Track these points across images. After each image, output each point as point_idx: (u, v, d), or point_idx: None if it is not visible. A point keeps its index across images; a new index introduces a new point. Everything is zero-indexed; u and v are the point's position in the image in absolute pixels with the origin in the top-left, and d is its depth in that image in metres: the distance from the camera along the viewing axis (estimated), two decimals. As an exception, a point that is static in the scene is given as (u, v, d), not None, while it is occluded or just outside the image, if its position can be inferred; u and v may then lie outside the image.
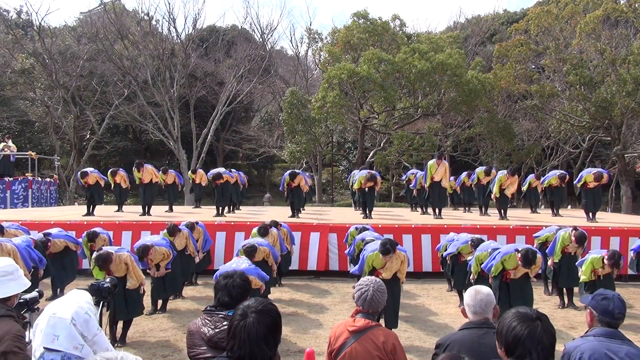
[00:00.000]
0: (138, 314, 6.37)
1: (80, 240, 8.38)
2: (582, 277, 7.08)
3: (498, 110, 24.12)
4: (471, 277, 7.13)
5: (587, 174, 11.15)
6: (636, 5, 20.41)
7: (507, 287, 6.37)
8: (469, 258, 7.45)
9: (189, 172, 14.80)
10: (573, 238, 7.78)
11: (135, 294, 6.14)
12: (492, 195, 11.95)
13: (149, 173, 12.14)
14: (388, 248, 5.80)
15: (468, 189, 13.61)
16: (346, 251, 9.21)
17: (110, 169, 12.89)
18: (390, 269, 6.02)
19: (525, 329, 2.18)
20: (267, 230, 8.07)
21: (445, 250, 8.33)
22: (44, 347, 2.13)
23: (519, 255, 6.15)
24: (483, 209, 12.86)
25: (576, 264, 7.55)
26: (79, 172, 12.27)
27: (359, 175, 11.89)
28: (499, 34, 30.74)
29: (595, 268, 7.00)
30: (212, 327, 2.77)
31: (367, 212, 11.63)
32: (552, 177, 12.30)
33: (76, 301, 2.24)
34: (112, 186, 12.53)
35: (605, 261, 6.84)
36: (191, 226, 8.64)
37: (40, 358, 2.17)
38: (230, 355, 2.11)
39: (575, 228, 8.02)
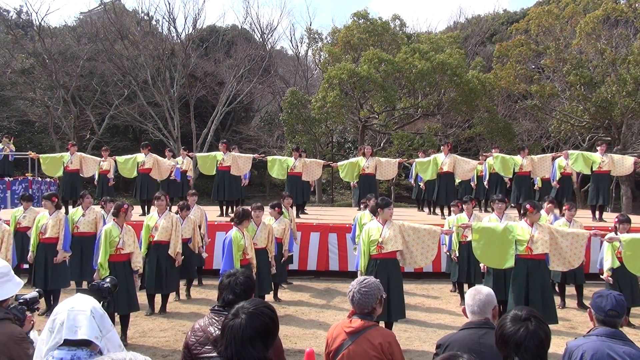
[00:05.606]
0: (125, 311, 6.19)
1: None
2: (608, 265, 7.07)
3: (498, 110, 24.05)
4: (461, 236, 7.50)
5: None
6: (636, 5, 20.38)
7: (526, 293, 6.24)
8: (469, 238, 7.16)
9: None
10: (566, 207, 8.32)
11: (124, 289, 5.95)
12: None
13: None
14: (384, 200, 6.01)
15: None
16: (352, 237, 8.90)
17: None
18: (389, 239, 5.82)
19: (509, 330, 2.19)
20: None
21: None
22: (65, 339, 2.19)
23: (527, 206, 6.34)
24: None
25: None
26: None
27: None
28: (499, 34, 30.66)
29: (616, 249, 7.04)
30: (219, 327, 2.76)
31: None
32: (559, 160, 11.17)
33: (90, 298, 2.36)
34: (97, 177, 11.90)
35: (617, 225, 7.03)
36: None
37: (48, 356, 2.18)
38: (220, 355, 2.08)
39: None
